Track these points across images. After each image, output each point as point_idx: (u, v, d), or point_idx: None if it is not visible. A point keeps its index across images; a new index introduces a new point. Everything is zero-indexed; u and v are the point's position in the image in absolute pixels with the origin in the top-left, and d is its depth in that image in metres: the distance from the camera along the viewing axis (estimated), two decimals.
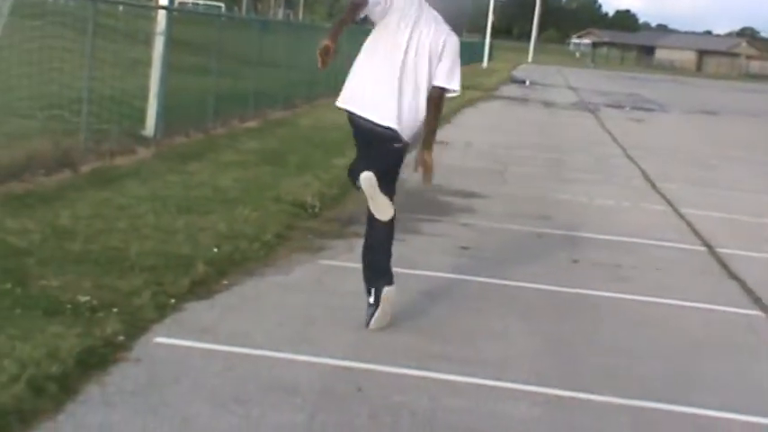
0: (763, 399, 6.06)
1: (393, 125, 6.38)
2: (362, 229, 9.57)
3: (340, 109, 6.62)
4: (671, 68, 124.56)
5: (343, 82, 6.69)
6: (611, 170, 16.79)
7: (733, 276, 9.30)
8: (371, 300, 6.54)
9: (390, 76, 6.37)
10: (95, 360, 5.36)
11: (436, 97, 6.51)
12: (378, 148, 6.49)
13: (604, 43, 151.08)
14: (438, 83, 6.49)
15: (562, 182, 14.74)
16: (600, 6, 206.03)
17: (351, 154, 14.62)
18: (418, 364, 5.99)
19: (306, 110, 20.98)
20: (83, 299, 6.14)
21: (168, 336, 6.01)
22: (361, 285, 6.89)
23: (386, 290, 6.50)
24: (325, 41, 6.05)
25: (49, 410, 4.74)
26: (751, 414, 5.73)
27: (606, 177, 15.72)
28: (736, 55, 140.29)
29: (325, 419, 5.05)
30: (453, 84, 6.54)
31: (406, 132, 6.46)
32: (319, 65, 6.08)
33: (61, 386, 4.95)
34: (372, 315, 6.50)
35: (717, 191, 15.32)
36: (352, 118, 6.51)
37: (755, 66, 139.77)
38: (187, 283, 6.91)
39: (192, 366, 5.58)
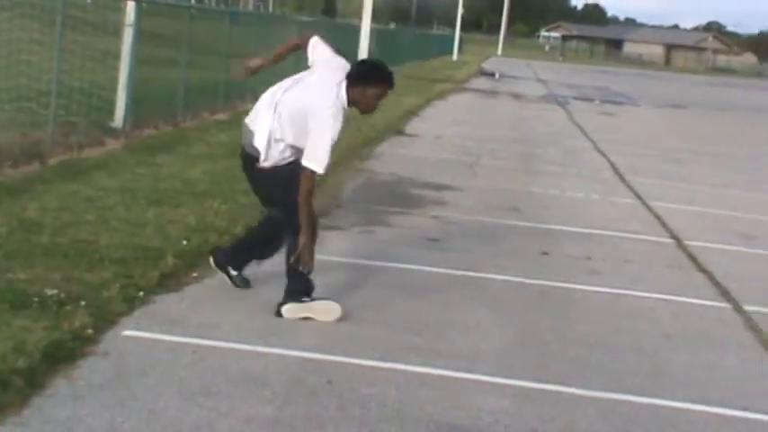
0: (732, 390, 6.08)
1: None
2: (333, 221, 9.63)
3: None
4: (639, 62, 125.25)
5: None
6: (581, 163, 16.84)
7: (701, 269, 9.34)
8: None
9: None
10: (63, 354, 5.31)
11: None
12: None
13: (573, 37, 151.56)
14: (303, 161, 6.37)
15: (532, 174, 14.77)
16: (568, 0, 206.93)
17: None
18: (387, 356, 5.97)
19: None
20: (50, 292, 6.08)
21: (137, 329, 5.97)
22: (332, 279, 6.88)
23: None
24: (259, 62, 7.06)
25: (15, 405, 4.69)
26: (720, 406, 5.76)
27: (576, 170, 15.76)
28: (703, 49, 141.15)
29: (294, 412, 5.03)
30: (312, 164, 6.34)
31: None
32: (233, 75, 6.36)
33: (28, 380, 4.90)
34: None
35: (686, 184, 15.39)
36: None
37: (722, 60, 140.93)
38: (156, 276, 6.86)
39: (160, 359, 5.54)
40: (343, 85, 6.44)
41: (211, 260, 7.05)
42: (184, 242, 7.79)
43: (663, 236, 10.81)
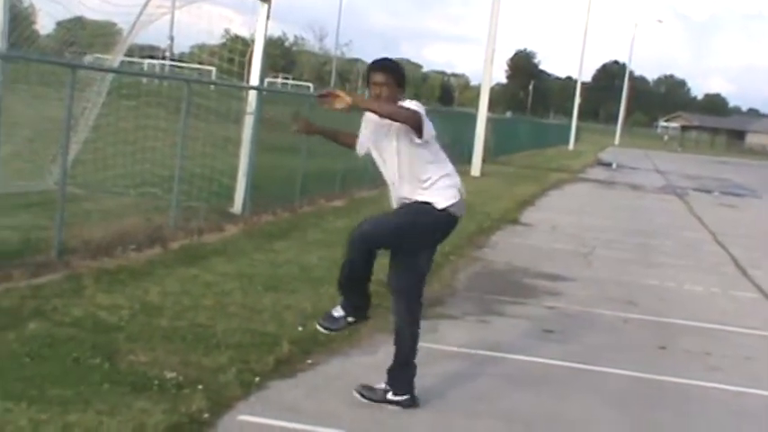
0: None
1: None
2: (447, 310, 9.66)
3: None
4: (763, 153, 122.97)
5: None
6: (700, 256, 16.56)
7: None
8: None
9: None
10: None
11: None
12: None
13: (693, 127, 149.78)
14: None
15: (649, 266, 14.57)
16: (689, 90, 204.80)
17: None
18: None
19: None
20: (169, 375, 6.23)
21: (252, 414, 6.05)
22: (448, 368, 6.88)
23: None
24: (320, 129, 7.32)
25: None
26: None
27: (695, 263, 15.50)
28: None
29: None
30: None
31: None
32: (294, 125, 6.51)
33: None
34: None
35: None
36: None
37: None
38: (272, 362, 6.96)
39: None
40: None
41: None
42: (300, 328, 7.90)
43: None
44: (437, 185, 6.47)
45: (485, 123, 31.93)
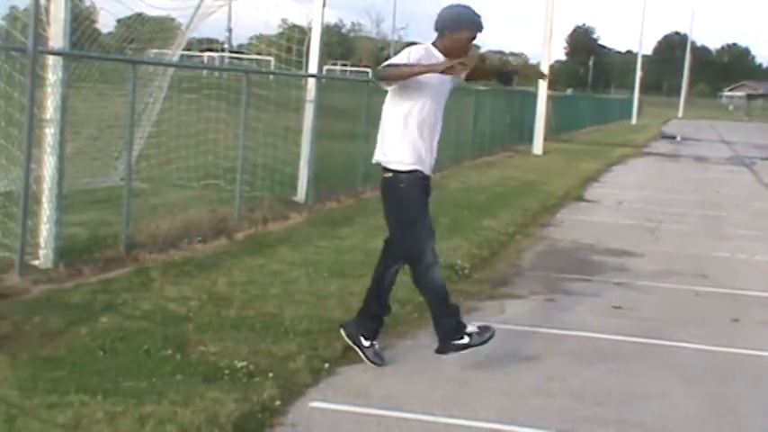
0: None
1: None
2: (513, 290, 9.64)
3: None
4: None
5: (485, 142, 6.86)
6: None
7: None
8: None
9: None
10: (253, 425, 5.47)
11: None
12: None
13: (759, 95, 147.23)
14: None
15: (719, 239, 14.40)
16: (753, 58, 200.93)
17: (501, 215, 14.63)
18: (573, 427, 5.91)
19: (453, 171, 21.08)
20: (240, 364, 6.27)
21: (323, 400, 6.08)
22: (517, 348, 6.86)
23: None
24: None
25: None
26: None
27: (765, 234, 15.28)
28: None
29: None
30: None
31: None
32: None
33: None
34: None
35: None
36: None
37: None
38: (340, 348, 6.98)
39: (346, 430, 5.63)
40: (429, 44, 6.73)
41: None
42: None
43: None
44: None
45: (545, 102, 31.74)
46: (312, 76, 14.50)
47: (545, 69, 31.80)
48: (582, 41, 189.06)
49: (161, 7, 13.04)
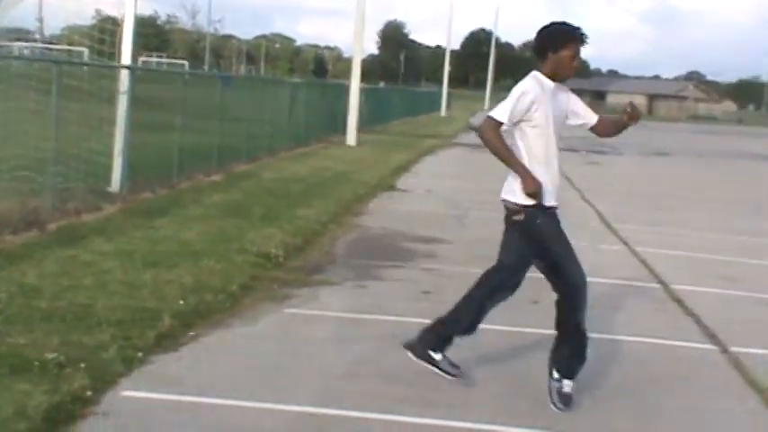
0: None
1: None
2: (327, 277, 9.66)
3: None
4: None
5: (300, 133, 6.80)
6: (568, 212, 16.67)
7: (688, 312, 9.34)
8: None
9: None
10: (63, 416, 5.31)
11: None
12: None
13: None
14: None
15: None
16: None
17: (315, 205, 14.65)
18: (382, 408, 5.96)
19: (268, 162, 20.99)
20: (50, 356, 6.07)
21: (135, 389, 5.95)
22: (326, 333, 6.86)
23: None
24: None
25: None
26: None
27: (563, 219, 15.72)
28: (684, 98, 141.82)
29: None
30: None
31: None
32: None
33: None
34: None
35: (670, 230, 15.40)
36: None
37: (703, 108, 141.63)
38: (153, 336, 6.86)
39: (159, 418, 5.54)
40: (533, 73, 6.44)
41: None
42: (181, 302, 7.79)
43: (650, 281, 10.81)
44: None
45: (358, 94, 31.93)
46: (125, 67, 14.18)
47: (357, 63, 32.10)
48: (393, 36, 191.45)
49: None
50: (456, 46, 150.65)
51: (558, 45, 6.24)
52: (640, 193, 21.48)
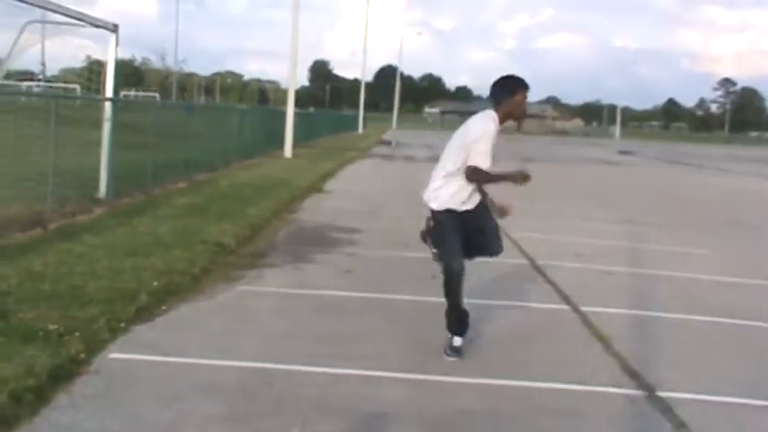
0: (570, 371, 6.22)
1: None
2: (270, 260, 9.65)
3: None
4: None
5: (248, 149, 6.78)
6: None
7: (548, 281, 9.54)
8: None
9: None
10: (63, 374, 5.27)
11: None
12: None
13: (450, 111, 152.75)
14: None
15: (420, 218, 14.83)
16: (444, 84, 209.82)
17: (260, 204, 14.53)
18: (315, 361, 6.01)
19: (224, 172, 20.80)
20: (52, 327, 6.00)
21: (120, 352, 5.93)
22: (271, 305, 6.90)
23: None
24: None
25: (27, 414, 4.66)
26: (561, 383, 5.89)
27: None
28: (544, 117, 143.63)
29: (243, 409, 5.04)
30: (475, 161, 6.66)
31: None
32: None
33: (37, 395, 4.86)
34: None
35: (535, 218, 15.62)
36: None
37: (558, 124, 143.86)
38: (134, 310, 6.81)
39: (139, 374, 5.52)
40: (490, 112, 6.55)
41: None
42: (155, 283, 7.73)
43: (520, 258, 10.99)
44: None
45: (293, 117, 31.82)
46: (109, 99, 13.96)
47: (291, 93, 31.98)
48: (320, 71, 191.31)
49: None
50: (369, 78, 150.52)
51: (514, 92, 6.51)
52: (512, 190, 21.69)
